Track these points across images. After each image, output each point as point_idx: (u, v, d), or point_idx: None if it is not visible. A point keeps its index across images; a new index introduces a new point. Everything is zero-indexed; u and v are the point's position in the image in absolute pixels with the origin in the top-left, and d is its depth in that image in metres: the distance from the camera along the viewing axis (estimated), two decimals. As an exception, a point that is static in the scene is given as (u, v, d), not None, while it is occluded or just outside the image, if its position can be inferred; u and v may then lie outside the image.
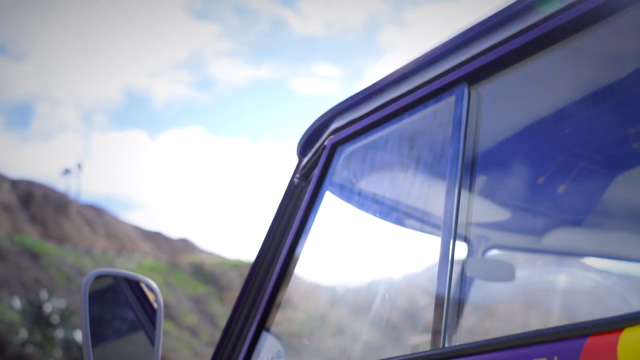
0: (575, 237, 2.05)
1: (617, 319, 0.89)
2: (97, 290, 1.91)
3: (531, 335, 0.98)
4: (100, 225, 39.67)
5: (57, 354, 21.09)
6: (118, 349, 1.98)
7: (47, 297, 22.22)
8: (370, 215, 1.97)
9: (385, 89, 1.55)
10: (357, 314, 2.15)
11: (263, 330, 1.67)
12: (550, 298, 2.20)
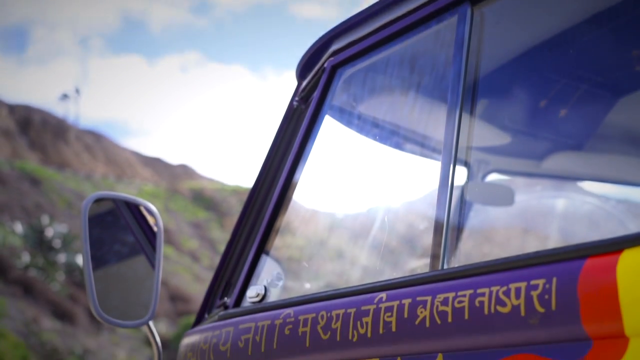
0: (575, 161, 2.04)
1: (616, 241, 0.89)
2: (97, 214, 1.92)
3: (530, 257, 0.98)
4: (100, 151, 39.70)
5: (60, 278, 21.39)
6: (119, 273, 2.00)
7: (48, 222, 22.40)
8: (369, 139, 1.96)
9: (385, 9, 1.52)
10: (356, 238, 2.16)
11: (262, 253, 1.68)
12: (549, 222, 2.21)
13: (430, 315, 1.08)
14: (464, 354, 1.03)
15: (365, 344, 1.18)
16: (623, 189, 2.22)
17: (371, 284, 1.23)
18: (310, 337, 1.28)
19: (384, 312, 1.16)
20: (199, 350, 1.61)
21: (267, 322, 1.41)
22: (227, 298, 1.69)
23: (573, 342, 0.90)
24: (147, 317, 1.78)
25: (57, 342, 19.37)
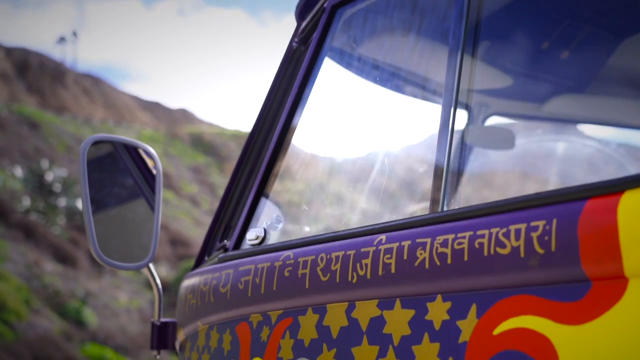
0: (576, 104, 2.03)
1: (617, 182, 0.89)
2: (96, 157, 1.91)
3: (530, 198, 0.98)
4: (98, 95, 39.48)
5: (61, 222, 21.50)
6: (119, 216, 2.00)
7: (48, 166, 22.41)
8: (369, 82, 1.94)
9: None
10: (356, 182, 2.15)
11: (262, 196, 1.68)
12: (549, 165, 2.20)
13: (429, 257, 1.08)
14: (463, 295, 1.03)
15: (364, 286, 1.18)
16: (624, 132, 2.22)
17: (371, 226, 1.23)
18: (310, 278, 1.29)
19: (383, 253, 1.16)
20: (199, 291, 1.62)
21: (266, 264, 1.41)
22: (227, 241, 1.70)
23: (572, 283, 0.91)
24: (148, 260, 1.78)
25: (59, 285, 19.55)
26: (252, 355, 1.41)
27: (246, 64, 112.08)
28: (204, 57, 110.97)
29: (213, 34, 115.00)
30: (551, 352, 0.91)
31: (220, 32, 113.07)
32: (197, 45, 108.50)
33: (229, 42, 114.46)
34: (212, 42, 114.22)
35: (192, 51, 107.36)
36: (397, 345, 1.11)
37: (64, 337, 18.00)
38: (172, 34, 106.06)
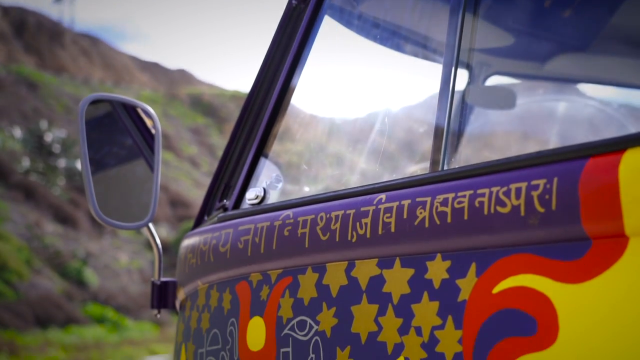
0: (578, 64, 2.01)
1: (619, 140, 0.88)
2: (95, 116, 1.90)
3: (531, 157, 0.97)
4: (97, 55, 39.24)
5: (60, 183, 21.53)
6: (118, 176, 1.99)
7: (47, 126, 22.37)
8: (370, 41, 1.92)
9: None
10: (355, 142, 2.15)
11: (261, 156, 1.67)
12: (551, 125, 2.19)
13: (429, 216, 1.08)
14: (462, 254, 1.03)
15: (364, 245, 1.18)
16: (625, 92, 2.20)
17: (370, 185, 1.23)
18: (310, 238, 1.29)
19: (383, 213, 1.16)
20: (198, 251, 1.62)
21: (266, 224, 1.41)
22: (227, 200, 1.69)
23: (572, 242, 0.91)
24: (147, 219, 1.78)
25: (59, 246, 19.63)
26: (252, 314, 1.41)
27: (245, 23, 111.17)
28: (202, 17, 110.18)
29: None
30: (550, 310, 0.91)
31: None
32: (195, 5, 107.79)
33: (227, 2, 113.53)
34: (211, 1, 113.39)
35: (191, 11, 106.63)
36: (396, 303, 1.12)
37: (65, 297, 18.13)
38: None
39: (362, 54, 2.01)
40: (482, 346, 0.98)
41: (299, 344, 1.29)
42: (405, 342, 1.09)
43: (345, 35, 1.86)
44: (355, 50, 2.01)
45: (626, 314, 0.84)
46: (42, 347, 14.72)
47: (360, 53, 2.01)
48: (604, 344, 0.85)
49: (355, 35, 1.88)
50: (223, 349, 1.49)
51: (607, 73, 2.03)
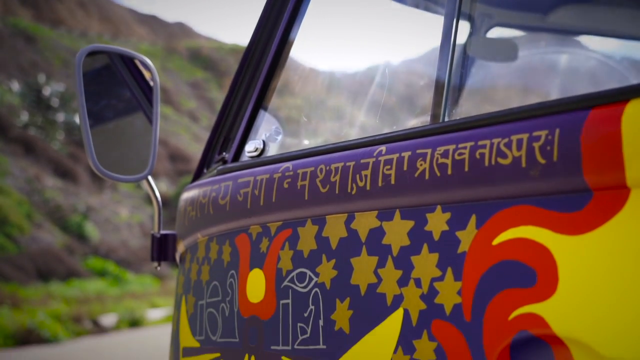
0: (581, 15, 1.99)
1: (622, 91, 0.87)
2: (92, 69, 1.88)
3: (533, 108, 0.96)
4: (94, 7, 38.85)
5: (59, 137, 21.49)
6: (117, 129, 1.98)
7: (45, 80, 22.24)
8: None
9: None
10: (356, 96, 2.13)
11: (260, 109, 1.66)
12: (552, 78, 2.18)
13: (429, 168, 1.07)
14: (462, 206, 1.03)
15: (364, 197, 1.18)
16: (628, 44, 2.18)
17: (371, 137, 1.22)
18: (309, 190, 1.29)
19: (383, 164, 1.15)
20: (198, 204, 1.62)
21: (265, 176, 1.41)
22: (226, 153, 1.69)
23: (573, 193, 0.90)
24: (146, 172, 1.78)
25: (60, 200, 19.68)
26: (252, 266, 1.42)
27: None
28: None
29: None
30: (550, 262, 0.91)
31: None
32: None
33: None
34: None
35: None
36: (396, 255, 1.12)
37: (67, 251, 18.24)
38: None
39: (363, 6, 1.98)
40: (482, 297, 0.98)
41: (298, 295, 1.29)
42: (404, 294, 1.09)
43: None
44: (356, 2, 1.99)
45: (626, 265, 0.84)
46: (43, 299, 14.85)
47: (360, 5, 1.99)
48: (603, 295, 0.86)
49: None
50: (223, 300, 1.50)
51: (610, 25, 2.01)
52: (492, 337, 0.96)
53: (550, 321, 0.90)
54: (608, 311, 0.85)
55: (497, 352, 0.96)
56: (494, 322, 0.96)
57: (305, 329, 1.27)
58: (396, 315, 1.10)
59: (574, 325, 0.88)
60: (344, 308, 1.19)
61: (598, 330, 0.85)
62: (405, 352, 1.08)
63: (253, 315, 1.40)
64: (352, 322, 1.18)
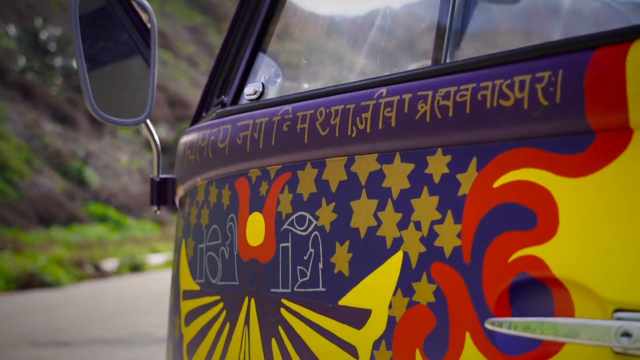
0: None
1: (627, 30, 0.85)
2: (89, 11, 1.86)
3: (536, 49, 0.95)
4: (90, -49, 38.28)
5: (57, 82, 21.36)
6: (115, 73, 1.96)
7: (41, 24, 22.01)
8: None
9: None
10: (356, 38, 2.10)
11: (260, 51, 1.64)
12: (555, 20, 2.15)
13: (430, 110, 1.06)
14: (463, 149, 1.02)
15: (364, 140, 1.17)
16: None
17: (371, 79, 1.21)
18: (309, 133, 1.28)
19: (383, 107, 1.14)
20: (197, 147, 1.61)
21: (265, 119, 1.39)
22: (225, 96, 1.67)
23: (575, 135, 0.89)
24: (145, 115, 1.77)
25: (59, 145, 19.66)
26: (252, 210, 1.42)
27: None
28: None
29: None
30: (551, 204, 0.91)
31: None
32: None
33: None
34: None
35: None
36: (396, 198, 1.11)
37: (67, 196, 18.28)
38: None
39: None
40: (481, 240, 0.98)
41: (298, 239, 1.29)
42: (404, 237, 1.09)
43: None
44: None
45: (628, 208, 0.84)
46: (45, 244, 14.96)
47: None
48: (604, 237, 0.85)
49: None
50: (223, 244, 1.50)
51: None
52: (491, 279, 0.96)
53: (550, 263, 0.90)
54: (608, 254, 0.85)
55: (496, 294, 0.96)
56: (493, 264, 0.96)
57: (304, 271, 1.27)
58: (396, 258, 1.10)
59: (573, 267, 0.88)
60: (344, 251, 1.20)
61: (598, 272, 0.85)
62: (404, 294, 1.08)
63: (253, 258, 1.40)
64: (351, 265, 1.18)
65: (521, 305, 0.94)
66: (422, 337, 1.05)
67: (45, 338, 7.68)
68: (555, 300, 0.91)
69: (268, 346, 1.34)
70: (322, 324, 1.23)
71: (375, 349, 1.12)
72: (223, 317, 1.49)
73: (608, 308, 0.84)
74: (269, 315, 1.35)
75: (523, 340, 0.93)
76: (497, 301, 0.96)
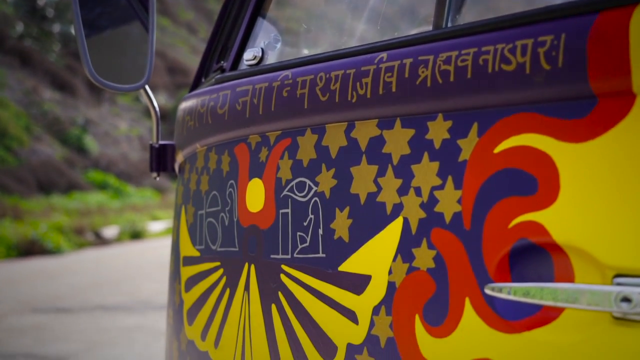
0: None
1: (632, -6, 0.84)
2: (86, -24, 1.83)
3: (538, 12, 0.94)
4: None
5: (56, 48, 21.23)
6: (113, 38, 1.95)
7: (39, -10, 21.83)
8: None
9: None
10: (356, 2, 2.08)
11: (259, 15, 1.62)
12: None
13: (431, 75, 1.05)
14: (464, 114, 1.02)
15: (364, 105, 1.16)
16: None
17: (371, 44, 1.19)
18: (309, 98, 1.27)
19: (384, 72, 1.13)
20: (196, 113, 1.60)
21: (264, 85, 1.38)
22: (224, 61, 1.66)
23: (577, 100, 0.89)
24: (143, 81, 1.76)
25: (58, 112, 19.61)
26: (251, 176, 1.41)
27: None
28: None
29: None
30: (552, 169, 0.90)
31: None
32: None
33: None
34: None
35: None
36: (396, 164, 1.11)
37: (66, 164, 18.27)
38: None
39: None
40: (482, 206, 0.98)
41: (298, 205, 1.29)
42: (404, 203, 1.09)
43: None
44: None
45: (629, 173, 0.83)
46: (45, 212, 14.98)
47: None
48: (605, 203, 0.85)
49: None
50: (222, 210, 1.50)
51: None
52: (491, 245, 0.96)
53: (551, 229, 0.90)
54: (609, 219, 0.84)
55: (496, 260, 0.96)
56: (493, 230, 0.96)
57: (304, 237, 1.27)
58: (396, 224, 1.10)
59: (574, 233, 0.87)
60: (344, 217, 1.19)
61: (598, 238, 0.85)
62: (404, 260, 1.08)
63: (252, 224, 1.40)
64: (351, 231, 1.18)
65: (521, 271, 0.94)
66: (422, 302, 1.05)
67: (46, 304, 7.73)
68: (555, 266, 0.91)
69: (268, 312, 1.35)
70: (322, 289, 1.23)
71: (374, 314, 1.13)
72: (223, 283, 1.49)
73: (608, 273, 0.84)
74: (269, 281, 1.35)
75: (522, 305, 0.93)
76: (497, 267, 0.96)
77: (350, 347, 1.17)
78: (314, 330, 1.24)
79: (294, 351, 1.28)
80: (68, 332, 6.41)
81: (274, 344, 1.33)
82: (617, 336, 0.84)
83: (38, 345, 5.91)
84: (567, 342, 0.88)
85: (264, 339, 1.36)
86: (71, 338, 6.16)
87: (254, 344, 1.39)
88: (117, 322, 6.81)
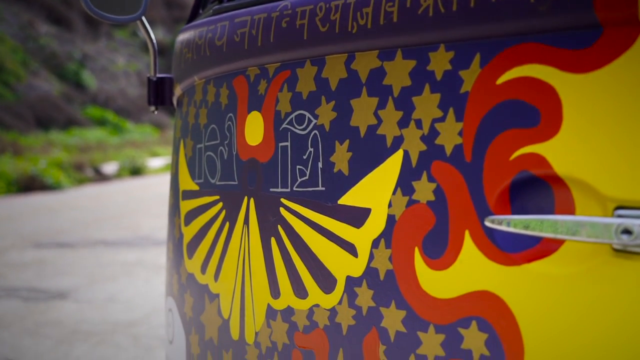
0: None
1: None
2: None
3: None
4: None
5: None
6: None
7: None
8: None
9: None
10: None
11: None
12: None
13: (433, 4, 1.03)
14: (466, 44, 1.00)
15: (364, 36, 1.14)
16: None
17: (372, -27, 1.16)
18: (308, 29, 1.24)
19: (385, 2, 1.10)
20: (194, 45, 1.58)
21: (263, 15, 1.36)
22: (222, -8, 1.63)
23: (582, 29, 0.87)
24: (140, 12, 1.73)
25: (55, 47, 19.42)
26: (250, 109, 1.40)
27: None
28: None
29: None
30: (555, 101, 0.89)
31: None
32: None
33: None
34: None
35: None
36: (396, 96, 1.09)
37: (64, 99, 18.18)
38: None
39: None
40: (483, 138, 0.97)
41: (297, 137, 1.28)
42: (404, 135, 1.08)
43: None
44: None
45: (633, 105, 0.82)
46: (44, 147, 14.97)
47: None
48: (607, 135, 0.84)
49: None
50: (221, 143, 1.49)
51: None
52: (492, 177, 0.96)
53: (552, 161, 0.89)
54: (611, 151, 0.83)
55: (496, 192, 0.95)
56: (494, 162, 0.95)
57: (304, 171, 1.26)
58: (396, 157, 1.09)
59: (576, 165, 0.87)
60: (343, 150, 1.18)
61: (600, 170, 0.84)
62: (404, 192, 1.08)
63: (252, 157, 1.39)
64: (351, 164, 1.17)
65: (521, 203, 0.94)
66: (421, 235, 1.05)
67: (48, 239, 7.79)
68: (555, 198, 0.90)
69: (267, 245, 1.35)
70: (322, 222, 1.23)
71: (374, 247, 1.13)
72: (222, 216, 1.49)
73: (609, 205, 0.84)
74: (269, 215, 1.35)
75: (522, 238, 0.93)
76: (497, 199, 0.95)
77: (349, 280, 1.17)
78: (313, 263, 1.25)
79: (293, 284, 1.29)
80: (69, 266, 6.47)
81: (273, 277, 1.34)
82: (617, 268, 0.84)
83: (40, 279, 5.97)
84: (566, 274, 0.88)
85: (263, 272, 1.36)
86: (73, 272, 6.22)
87: (253, 277, 1.39)
88: (118, 257, 6.87)
